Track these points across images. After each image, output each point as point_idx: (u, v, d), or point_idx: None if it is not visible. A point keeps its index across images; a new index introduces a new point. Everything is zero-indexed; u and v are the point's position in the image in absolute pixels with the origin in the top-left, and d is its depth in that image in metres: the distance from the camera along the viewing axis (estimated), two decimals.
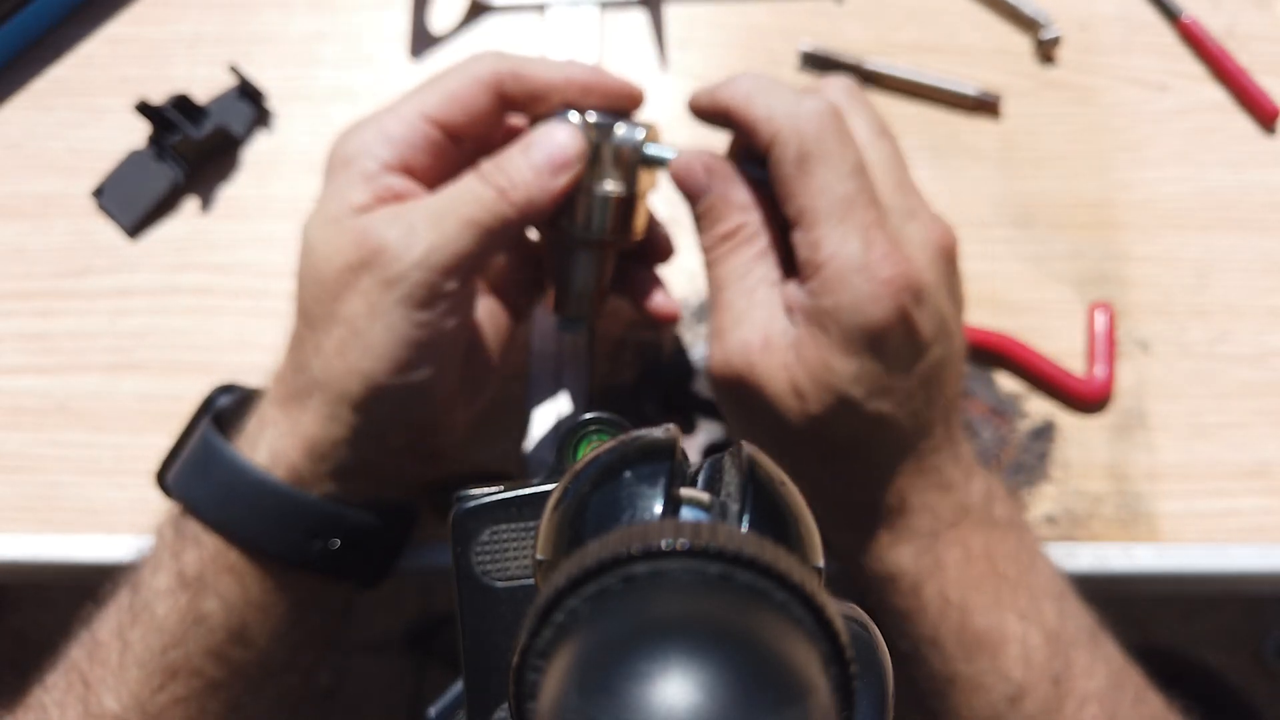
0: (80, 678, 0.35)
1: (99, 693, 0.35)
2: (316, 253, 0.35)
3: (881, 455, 0.35)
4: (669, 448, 0.22)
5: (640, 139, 0.37)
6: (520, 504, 0.28)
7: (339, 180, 0.35)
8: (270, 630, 0.36)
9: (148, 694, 0.35)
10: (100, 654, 0.35)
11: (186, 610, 0.35)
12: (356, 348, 0.34)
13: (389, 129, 0.36)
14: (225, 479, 0.35)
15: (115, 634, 0.35)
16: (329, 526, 0.36)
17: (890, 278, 0.33)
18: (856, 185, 0.33)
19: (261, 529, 0.35)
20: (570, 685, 0.15)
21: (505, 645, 0.28)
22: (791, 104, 0.34)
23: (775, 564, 0.17)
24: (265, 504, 0.35)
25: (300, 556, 0.36)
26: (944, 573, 0.35)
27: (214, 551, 0.35)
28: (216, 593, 0.35)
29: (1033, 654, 0.34)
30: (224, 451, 0.36)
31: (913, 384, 0.34)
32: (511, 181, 0.35)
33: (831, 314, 0.33)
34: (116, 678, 0.35)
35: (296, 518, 0.35)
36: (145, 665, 0.35)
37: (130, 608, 0.36)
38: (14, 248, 0.50)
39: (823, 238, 0.33)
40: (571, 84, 0.37)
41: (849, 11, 0.54)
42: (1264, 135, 0.51)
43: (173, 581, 0.35)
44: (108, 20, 0.54)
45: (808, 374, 0.33)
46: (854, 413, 0.34)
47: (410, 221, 0.34)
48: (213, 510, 0.36)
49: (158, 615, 0.35)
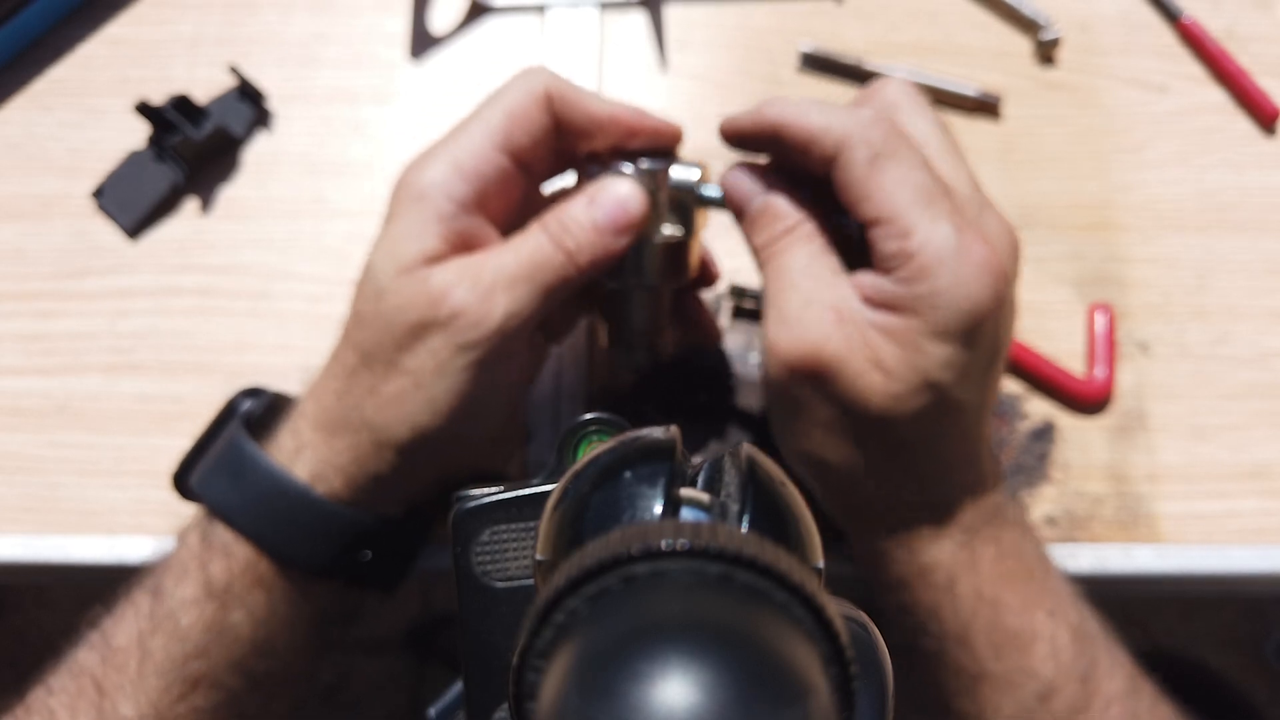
0: (93, 683, 0.35)
1: (115, 700, 0.34)
2: (386, 299, 0.35)
3: (945, 447, 0.35)
4: (669, 448, 0.22)
5: (695, 179, 0.37)
6: (520, 504, 0.28)
7: (410, 219, 0.35)
8: (292, 641, 0.36)
9: (167, 704, 0.34)
10: (116, 660, 0.35)
11: (213, 622, 0.35)
12: (416, 400, 0.34)
13: (462, 163, 0.35)
14: (263, 488, 0.35)
15: (134, 641, 0.35)
16: (365, 540, 0.36)
17: (986, 261, 0.32)
18: (932, 177, 0.33)
19: (299, 541, 0.35)
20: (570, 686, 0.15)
21: (505, 645, 0.28)
22: (849, 113, 0.34)
23: (775, 564, 0.17)
24: (307, 518, 0.35)
25: (335, 569, 0.36)
26: (979, 568, 0.35)
27: (244, 563, 0.35)
28: (244, 605, 0.35)
29: (1061, 652, 0.34)
30: (261, 461, 0.36)
31: (987, 373, 0.34)
32: (578, 243, 0.35)
33: (928, 299, 0.32)
34: (135, 685, 0.34)
35: (338, 532, 0.36)
36: (166, 675, 0.35)
37: (151, 615, 0.35)
38: (14, 248, 0.50)
39: (912, 226, 0.32)
40: (618, 123, 0.36)
41: (849, 12, 0.54)
42: (1264, 136, 0.51)
43: (199, 591, 0.35)
44: (108, 20, 0.54)
45: (896, 353, 0.33)
46: (938, 398, 0.33)
47: (486, 286, 0.34)
48: (247, 518, 0.35)
49: (182, 625, 0.35)
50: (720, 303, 0.48)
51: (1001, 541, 0.35)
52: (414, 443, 0.35)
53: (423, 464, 0.36)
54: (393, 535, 0.37)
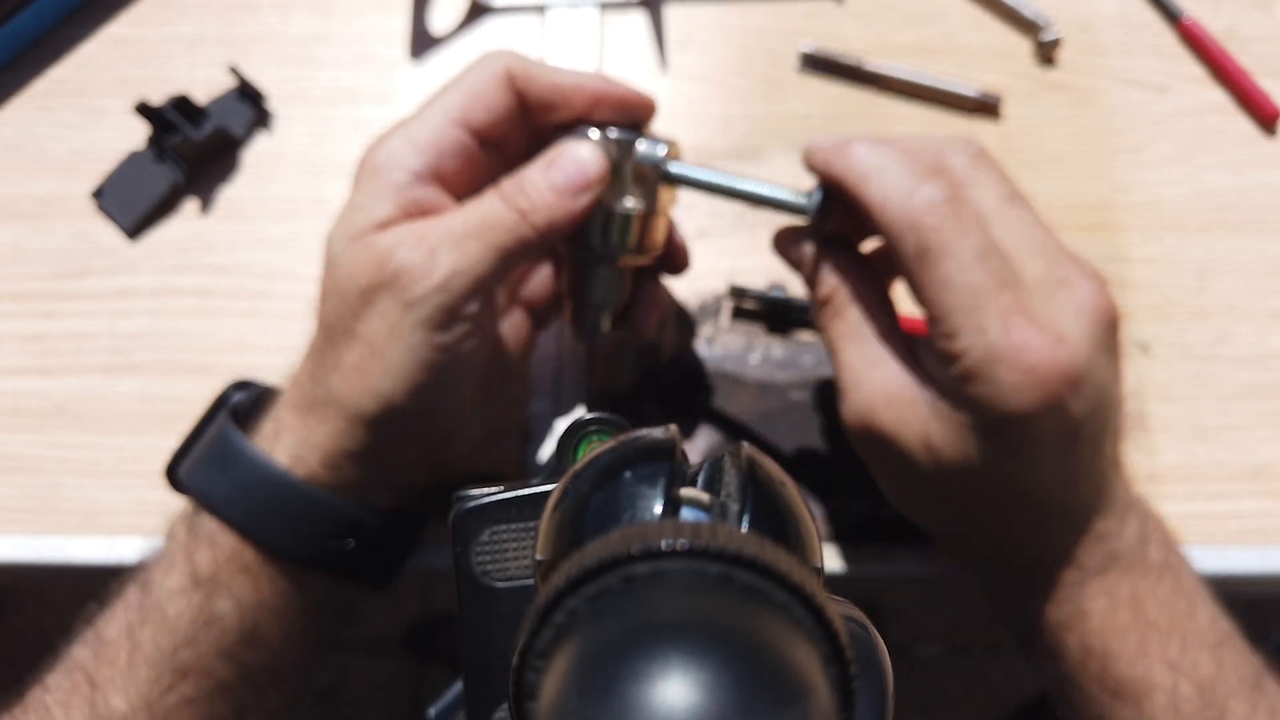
0: (86, 678, 0.35)
1: (106, 693, 0.34)
2: (339, 268, 0.35)
3: (1021, 517, 0.34)
4: (669, 448, 0.22)
5: (662, 155, 0.37)
6: (520, 504, 0.28)
7: (366, 192, 0.35)
8: (282, 632, 0.36)
9: (157, 694, 0.35)
10: (107, 654, 0.35)
11: (199, 610, 0.35)
12: (375, 367, 0.34)
13: (417, 136, 0.35)
14: (246, 476, 0.35)
15: (124, 634, 0.35)
16: (347, 528, 0.36)
17: (1036, 365, 0.30)
18: (986, 271, 0.31)
19: (281, 528, 0.35)
20: (570, 686, 0.15)
21: (505, 645, 0.28)
22: (906, 190, 0.32)
23: (775, 564, 0.17)
24: (287, 504, 0.35)
25: (318, 557, 0.36)
26: (1086, 622, 0.34)
27: (229, 551, 0.35)
28: (230, 593, 0.35)
29: (1182, 704, 0.33)
30: (245, 448, 0.36)
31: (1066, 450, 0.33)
32: (532, 203, 0.34)
33: (973, 402, 0.32)
34: (125, 678, 0.35)
35: (318, 518, 0.35)
36: (155, 665, 0.35)
37: (140, 607, 0.36)
38: (14, 249, 0.50)
39: (957, 329, 0.31)
40: (583, 91, 0.36)
41: (849, 12, 0.54)
42: (1265, 137, 0.51)
43: (185, 581, 0.35)
44: (108, 21, 0.54)
45: (945, 436, 0.32)
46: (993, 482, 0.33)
47: (431, 244, 0.34)
48: (231, 507, 0.35)
49: (169, 615, 0.35)
50: (720, 303, 0.48)
51: (1116, 592, 0.34)
52: (381, 415, 0.35)
53: (396, 441, 0.36)
54: (380, 528, 0.37)
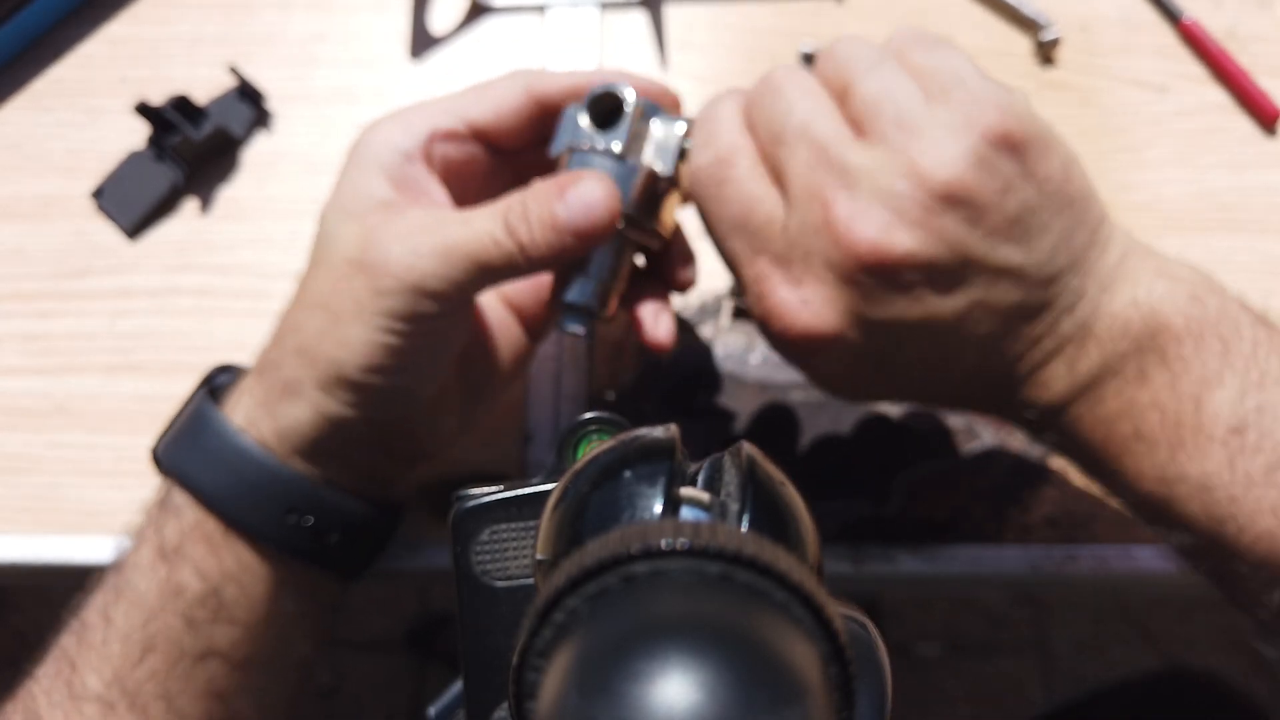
0: (68, 662, 0.35)
1: (83, 673, 0.35)
2: (325, 239, 0.36)
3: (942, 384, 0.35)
4: (669, 448, 0.22)
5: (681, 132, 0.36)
6: (520, 504, 0.28)
7: (357, 169, 0.36)
8: (250, 608, 0.36)
9: (128, 669, 0.35)
10: (87, 636, 0.35)
11: (166, 581, 0.35)
12: (334, 336, 0.34)
13: (410, 119, 0.36)
14: (211, 445, 0.36)
15: (100, 613, 0.35)
16: (304, 503, 0.36)
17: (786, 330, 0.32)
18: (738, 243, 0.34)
19: (238, 497, 0.35)
20: (570, 685, 0.15)
21: (505, 645, 0.28)
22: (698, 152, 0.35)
23: (775, 564, 0.17)
24: (244, 471, 0.35)
25: (276, 532, 0.36)
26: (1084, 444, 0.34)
27: (193, 522, 0.35)
28: (192, 563, 0.35)
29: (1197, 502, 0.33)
30: (211, 417, 0.36)
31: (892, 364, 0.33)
32: (532, 237, 0.34)
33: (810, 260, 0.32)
34: (99, 655, 0.35)
35: (273, 489, 0.35)
36: (126, 640, 0.35)
37: (115, 586, 0.36)
38: (13, 248, 0.50)
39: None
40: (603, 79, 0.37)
41: (849, 12, 0.54)
42: (1265, 137, 0.51)
43: (153, 554, 0.35)
44: (108, 20, 0.54)
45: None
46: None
47: (419, 245, 0.33)
48: (195, 477, 0.35)
49: (139, 589, 0.35)
50: (720, 303, 0.48)
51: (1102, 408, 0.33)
52: (328, 382, 0.34)
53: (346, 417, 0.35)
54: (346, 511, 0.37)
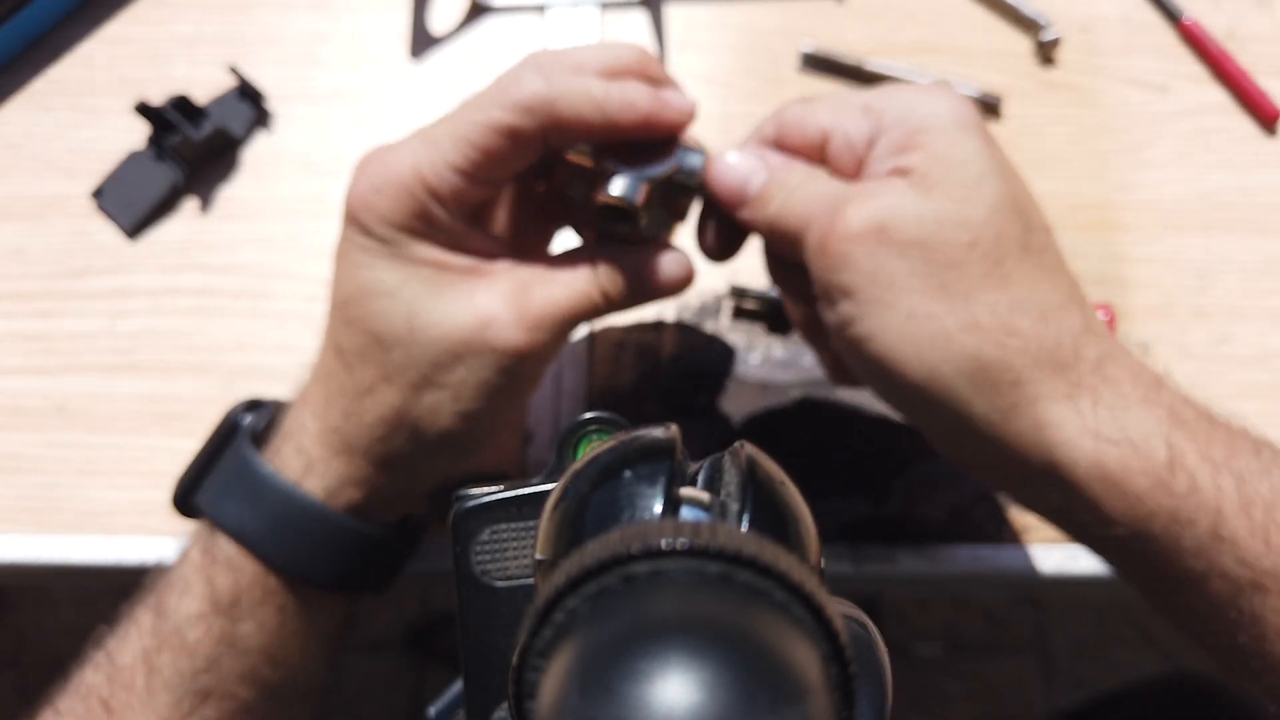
0: (101, 703, 0.35)
1: (124, 717, 0.34)
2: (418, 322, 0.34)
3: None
4: (669, 447, 0.22)
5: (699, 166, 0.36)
6: (520, 504, 0.28)
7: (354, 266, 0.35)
8: (301, 651, 0.37)
9: (178, 718, 0.34)
10: (123, 679, 0.35)
11: (221, 635, 0.35)
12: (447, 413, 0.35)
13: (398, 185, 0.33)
14: (277, 509, 0.35)
15: (140, 658, 0.35)
16: (375, 551, 0.37)
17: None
18: None
19: (314, 558, 0.35)
20: (570, 685, 0.15)
21: (505, 645, 0.28)
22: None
23: (775, 564, 0.17)
24: (319, 534, 0.35)
25: (337, 578, 0.36)
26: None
27: (253, 577, 0.35)
28: (254, 618, 0.35)
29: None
30: (274, 480, 0.35)
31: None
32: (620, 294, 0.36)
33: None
34: (143, 703, 0.34)
35: (350, 547, 0.36)
36: (175, 690, 0.34)
37: (155, 632, 0.35)
38: (13, 248, 0.50)
39: None
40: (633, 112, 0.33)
41: (849, 12, 0.54)
42: (1265, 137, 0.51)
43: (204, 606, 0.35)
44: (108, 20, 0.54)
45: None
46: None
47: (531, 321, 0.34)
48: (260, 538, 0.35)
49: (188, 640, 0.35)
50: (720, 303, 0.48)
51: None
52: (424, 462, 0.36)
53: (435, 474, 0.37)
54: (393, 541, 0.38)
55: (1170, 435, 0.31)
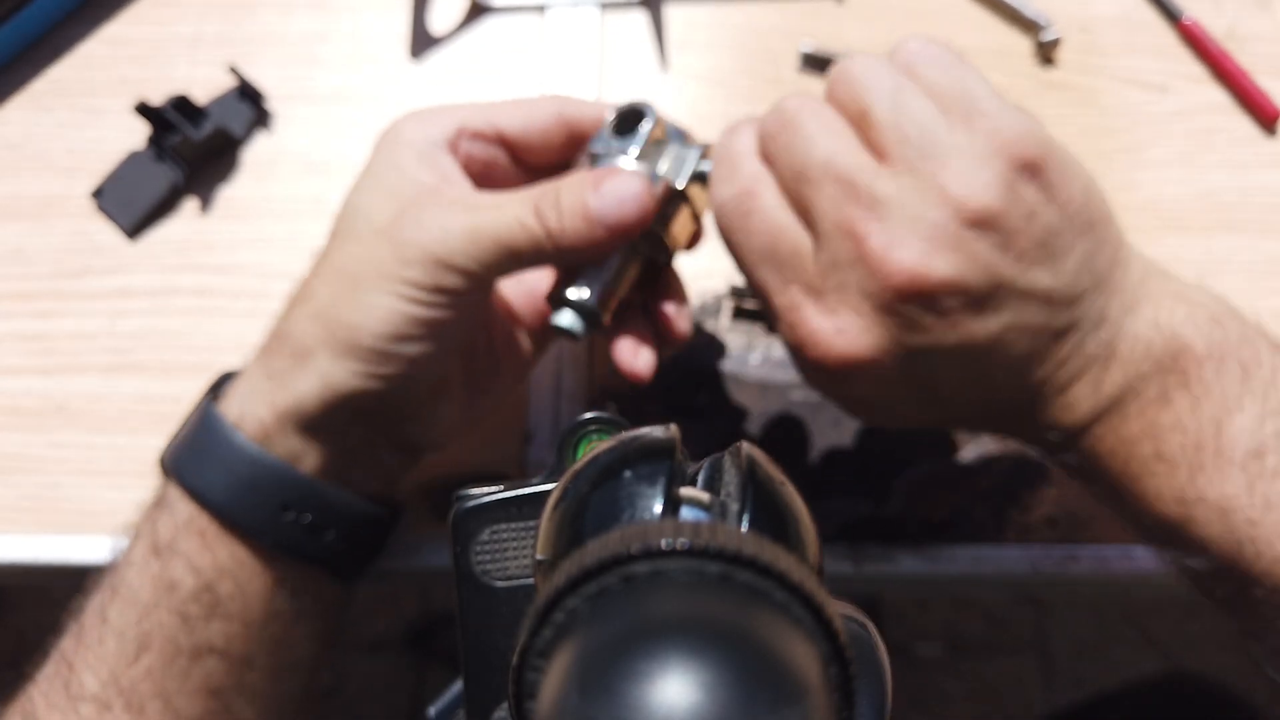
0: (65, 663, 0.35)
1: (80, 673, 0.35)
2: (353, 212, 0.36)
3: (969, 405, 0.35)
4: (669, 448, 0.22)
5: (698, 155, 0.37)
6: (520, 504, 0.28)
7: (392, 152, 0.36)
8: (246, 606, 0.36)
9: (123, 666, 0.34)
10: (85, 636, 0.35)
11: (159, 577, 0.35)
12: (353, 301, 0.34)
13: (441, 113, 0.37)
14: (205, 442, 0.35)
15: (96, 613, 0.35)
16: (301, 499, 0.35)
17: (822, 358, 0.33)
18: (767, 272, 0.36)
19: (231, 492, 0.35)
20: (570, 685, 0.15)
21: (505, 645, 0.28)
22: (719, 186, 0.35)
23: (775, 564, 0.17)
24: (238, 468, 0.35)
25: (270, 529, 0.35)
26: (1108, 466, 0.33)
27: (186, 517, 0.35)
28: (186, 558, 0.35)
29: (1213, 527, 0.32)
30: (209, 415, 0.36)
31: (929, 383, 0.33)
32: (562, 224, 0.33)
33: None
34: (95, 654, 0.35)
35: (267, 484, 0.35)
36: (121, 637, 0.35)
37: (110, 585, 0.36)
38: (13, 248, 0.50)
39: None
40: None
41: (850, 12, 0.54)
42: (1265, 137, 0.51)
43: (146, 550, 0.35)
44: (108, 20, 0.54)
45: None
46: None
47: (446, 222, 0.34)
48: (190, 474, 0.35)
49: (133, 586, 0.35)
50: (720, 303, 0.48)
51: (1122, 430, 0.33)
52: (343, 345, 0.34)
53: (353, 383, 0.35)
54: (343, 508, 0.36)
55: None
